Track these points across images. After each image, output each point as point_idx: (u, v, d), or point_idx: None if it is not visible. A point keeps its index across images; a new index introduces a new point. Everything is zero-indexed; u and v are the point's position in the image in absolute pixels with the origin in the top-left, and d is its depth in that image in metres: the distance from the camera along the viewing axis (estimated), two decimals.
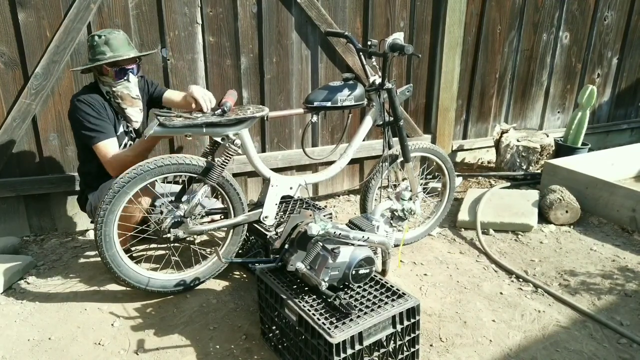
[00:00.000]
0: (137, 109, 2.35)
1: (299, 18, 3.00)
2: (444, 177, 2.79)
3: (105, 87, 2.28)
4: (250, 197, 3.21)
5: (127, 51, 2.24)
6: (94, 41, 2.20)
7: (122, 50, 2.22)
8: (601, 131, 4.52)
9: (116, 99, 2.29)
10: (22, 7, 2.44)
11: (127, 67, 2.24)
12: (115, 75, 2.23)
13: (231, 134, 2.12)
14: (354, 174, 3.53)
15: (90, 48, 2.22)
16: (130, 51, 2.25)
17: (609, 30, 4.18)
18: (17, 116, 2.55)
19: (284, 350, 1.82)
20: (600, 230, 2.92)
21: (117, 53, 2.20)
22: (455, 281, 2.41)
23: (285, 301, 1.72)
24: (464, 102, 3.81)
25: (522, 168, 3.69)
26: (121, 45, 2.22)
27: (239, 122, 2.12)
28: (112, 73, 2.22)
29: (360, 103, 2.36)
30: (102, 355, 1.89)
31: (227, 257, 2.27)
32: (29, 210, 2.78)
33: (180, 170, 2.06)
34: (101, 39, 2.19)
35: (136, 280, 2.12)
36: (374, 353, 1.65)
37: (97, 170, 2.32)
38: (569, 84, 4.22)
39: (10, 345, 1.93)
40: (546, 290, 2.30)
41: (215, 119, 2.03)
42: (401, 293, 1.74)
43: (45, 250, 2.68)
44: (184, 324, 2.07)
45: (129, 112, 2.33)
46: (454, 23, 3.40)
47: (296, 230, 1.84)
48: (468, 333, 2.02)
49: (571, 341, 1.96)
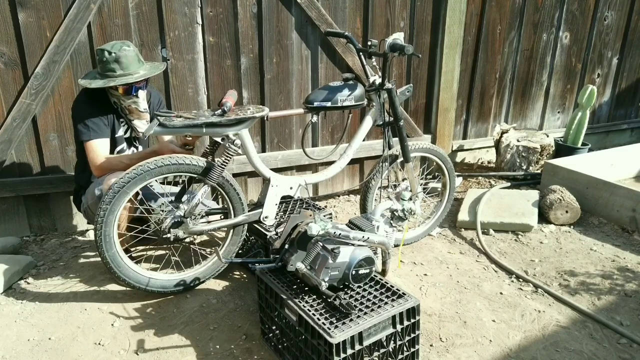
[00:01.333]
0: (144, 121, 2.38)
1: (299, 18, 3.00)
2: (444, 177, 2.79)
3: (113, 99, 2.31)
4: (250, 197, 3.21)
5: (137, 68, 2.24)
6: (103, 56, 2.19)
7: (132, 67, 2.22)
8: (601, 131, 4.52)
9: (124, 111, 2.32)
10: (22, 7, 2.44)
11: (137, 85, 2.25)
12: (125, 92, 2.24)
13: (231, 134, 2.12)
14: (354, 174, 3.53)
15: (100, 62, 2.21)
16: (140, 68, 2.26)
17: (609, 30, 4.18)
18: (17, 116, 2.55)
19: (284, 350, 1.82)
20: (600, 230, 2.92)
21: (128, 71, 2.21)
22: (455, 281, 2.41)
23: (285, 301, 1.72)
24: (464, 102, 3.81)
25: (522, 168, 3.69)
26: (131, 62, 2.22)
27: (239, 122, 2.12)
28: (121, 90, 2.23)
29: (360, 103, 2.36)
30: (102, 355, 1.89)
31: (227, 257, 2.27)
32: (29, 210, 2.77)
33: (180, 170, 2.06)
34: (111, 56, 2.17)
35: (136, 280, 2.12)
36: (374, 353, 1.65)
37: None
38: (569, 84, 4.22)
39: (10, 345, 1.93)
40: (546, 290, 2.30)
41: (215, 119, 2.03)
42: (401, 293, 1.74)
43: (45, 250, 2.68)
44: (184, 324, 2.07)
45: (135, 124, 2.36)
46: (454, 23, 3.40)
47: (296, 230, 1.84)
48: (468, 333, 2.02)
49: (571, 341, 1.96)
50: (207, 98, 2.93)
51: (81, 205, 2.44)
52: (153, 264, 2.47)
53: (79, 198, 2.46)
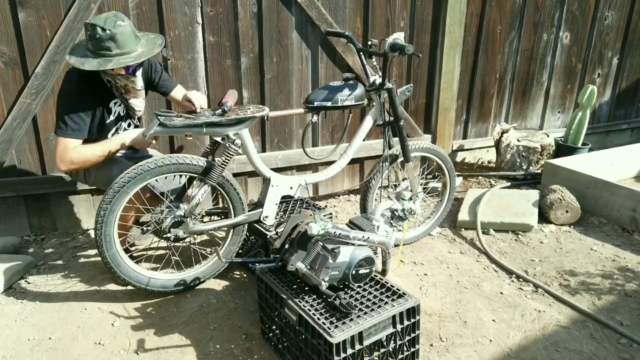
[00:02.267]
0: (140, 99, 2.26)
1: (299, 18, 3.00)
2: (444, 177, 2.79)
3: (107, 77, 2.14)
4: (250, 197, 3.21)
5: (135, 46, 2.05)
6: (95, 33, 1.96)
7: (130, 45, 2.02)
8: (601, 131, 4.52)
9: (119, 90, 2.17)
10: (22, 6, 2.44)
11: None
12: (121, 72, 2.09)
13: (231, 134, 2.12)
14: (354, 174, 3.53)
15: (92, 39, 1.98)
16: (138, 45, 2.07)
17: (609, 30, 4.18)
18: (17, 116, 2.55)
19: (284, 350, 1.82)
20: (600, 230, 2.92)
21: (125, 50, 2.01)
22: (456, 281, 2.41)
23: (286, 301, 1.72)
24: (464, 102, 3.81)
25: (522, 168, 3.69)
26: (128, 39, 2.02)
27: (239, 122, 2.12)
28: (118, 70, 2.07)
29: (361, 103, 2.36)
30: (102, 355, 1.89)
31: (227, 257, 2.27)
32: (29, 210, 2.77)
33: (180, 170, 2.06)
34: (105, 33, 1.96)
35: (136, 280, 2.12)
36: (374, 353, 1.65)
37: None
38: (569, 84, 4.22)
39: (11, 345, 1.93)
40: (546, 290, 2.30)
41: (215, 119, 2.03)
42: (401, 293, 1.74)
43: (45, 250, 2.68)
44: (184, 323, 2.07)
45: (132, 102, 2.23)
46: (454, 23, 3.40)
47: (296, 230, 1.84)
48: (468, 333, 2.02)
49: (571, 341, 1.96)
50: (207, 98, 2.93)
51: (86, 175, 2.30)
52: (153, 263, 2.46)
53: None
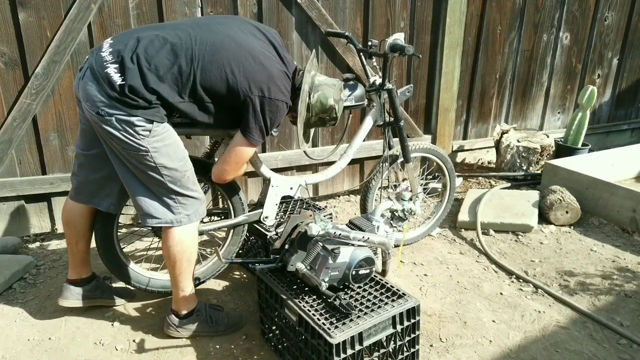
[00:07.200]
0: None
1: (299, 18, 3.00)
2: (444, 178, 2.79)
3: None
4: (250, 197, 3.21)
5: None
6: None
7: None
8: (601, 132, 4.52)
9: None
10: (22, 7, 2.44)
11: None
12: None
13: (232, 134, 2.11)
14: (354, 175, 3.53)
15: None
16: None
17: (609, 30, 4.18)
18: (17, 116, 2.55)
19: (284, 350, 1.82)
20: (600, 230, 2.92)
21: None
22: (456, 281, 2.41)
23: (285, 301, 1.72)
24: (464, 103, 3.81)
25: (522, 168, 3.69)
26: None
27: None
28: None
29: (361, 103, 2.36)
30: (102, 355, 1.89)
31: (227, 257, 2.26)
32: (29, 210, 2.77)
33: None
34: None
35: (136, 281, 2.12)
36: (374, 353, 1.65)
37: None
38: (569, 84, 4.22)
39: (10, 345, 1.93)
40: (546, 290, 2.30)
41: None
42: (401, 293, 1.74)
43: (45, 250, 2.68)
44: None
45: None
46: (454, 23, 3.40)
47: (296, 231, 1.83)
48: (468, 333, 2.02)
49: (571, 342, 1.96)
50: None
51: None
52: (153, 264, 2.46)
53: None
